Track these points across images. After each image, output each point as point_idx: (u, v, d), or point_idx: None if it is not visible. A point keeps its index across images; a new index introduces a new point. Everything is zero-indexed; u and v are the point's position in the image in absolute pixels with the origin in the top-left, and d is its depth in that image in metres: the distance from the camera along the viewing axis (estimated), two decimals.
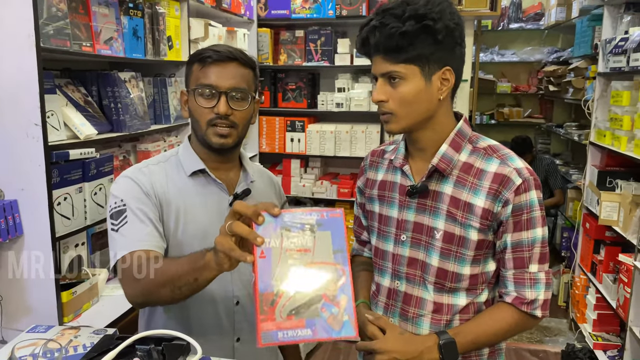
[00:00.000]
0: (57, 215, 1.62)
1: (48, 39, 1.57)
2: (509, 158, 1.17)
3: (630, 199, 2.70)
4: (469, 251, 1.17)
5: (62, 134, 1.69)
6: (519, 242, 1.16)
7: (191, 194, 1.30)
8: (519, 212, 1.14)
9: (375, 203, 1.30)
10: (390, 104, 1.14)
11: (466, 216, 1.16)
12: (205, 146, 1.30)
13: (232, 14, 3.03)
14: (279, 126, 3.55)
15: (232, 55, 1.27)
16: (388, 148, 1.34)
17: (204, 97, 1.26)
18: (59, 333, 0.98)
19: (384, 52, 1.12)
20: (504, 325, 1.18)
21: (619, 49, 2.83)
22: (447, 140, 1.19)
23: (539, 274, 1.18)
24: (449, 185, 1.18)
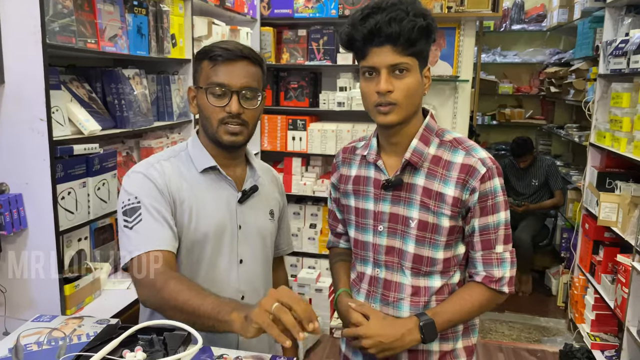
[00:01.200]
0: (61, 209, 1.64)
1: (54, 35, 1.59)
2: (473, 149, 1.27)
3: (629, 200, 2.72)
4: (441, 237, 1.27)
5: (66, 129, 1.72)
6: (485, 225, 1.27)
7: (202, 191, 1.31)
8: (484, 198, 1.25)
9: (351, 197, 1.38)
10: (396, 94, 1.19)
11: (438, 205, 1.25)
12: (215, 143, 1.32)
13: (236, 12, 3.05)
14: (280, 125, 3.57)
15: (243, 53, 1.28)
16: (359, 144, 1.42)
17: (215, 95, 1.27)
18: (63, 322, 1.01)
19: (396, 44, 1.16)
20: (476, 303, 1.28)
21: (619, 50, 2.85)
22: (417, 135, 1.28)
23: (505, 253, 1.29)
24: (420, 177, 1.27)
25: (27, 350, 0.90)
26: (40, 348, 0.91)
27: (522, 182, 4.34)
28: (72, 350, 0.88)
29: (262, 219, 1.40)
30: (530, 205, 4.20)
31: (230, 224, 1.33)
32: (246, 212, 1.37)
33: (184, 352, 0.89)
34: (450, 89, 3.47)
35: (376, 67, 1.19)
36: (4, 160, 1.59)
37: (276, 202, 1.48)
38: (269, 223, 1.43)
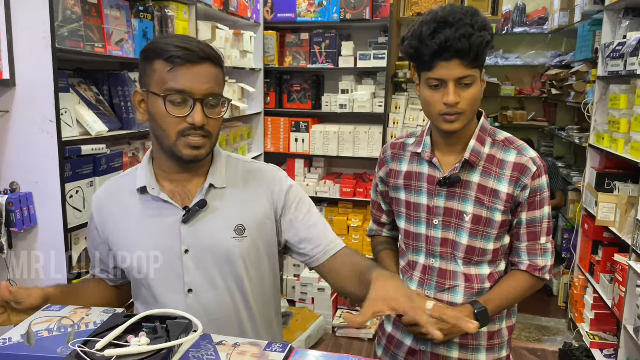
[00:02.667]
0: (69, 208, 1.70)
1: (63, 40, 1.66)
2: (524, 149, 1.36)
3: (626, 200, 2.75)
4: (494, 230, 1.36)
5: (74, 130, 1.78)
6: (532, 219, 1.37)
7: (137, 213, 1.21)
8: (533, 194, 1.35)
9: (402, 191, 1.45)
10: (462, 105, 1.27)
11: (493, 201, 1.34)
12: (172, 157, 1.17)
13: (239, 17, 3.11)
14: (284, 127, 3.63)
15: (205, 54, 1.12)
16: (408, 141, 1.48)
17: (175, 104, 1.10)
18: (72, 312, 1.06)
19: (465, 58, 1.22)
20: (521, 290, 1.40)
21: (617, 53, 2.89)
22: (474, 136, 1.36)
23: (547, 244, 1.40)
24: (476, 175, 1.36)
25: (38, 336, 0.96)
26: (50, 334, 0.97)
27: None
28: (81, 337, 0.93)
29: (222, 238, 1.19)
30: None
31: (172, 248, 1.18)
32: (196, 232, 1.18)
33: (185, 338, 0.94)
34: None
35: (444, 79, 1.25)
36: (15, 160, 1.66)
37: (254, 212, 1.23)
38: (233, 242, 1.19)
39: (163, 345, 0.90)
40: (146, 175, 1.21)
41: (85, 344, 0.89)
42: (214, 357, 0.92)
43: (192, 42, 1.12)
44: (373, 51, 3.42)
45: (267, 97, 3.66)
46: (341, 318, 3.49)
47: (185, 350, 0.94)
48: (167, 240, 1.19)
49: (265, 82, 3.62)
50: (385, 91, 3.41)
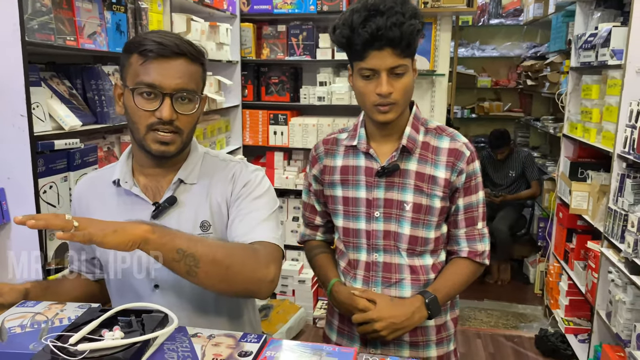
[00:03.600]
0: (43, 203, 1.68)
1: (33, 33, 1.63)
2: (456, 135, 1.39)
3: (598, 189, 2.82)
4: (434, 217, 1.36)
5: (47, 125, 1.76)
6: (469, 204, 1.39)
7: (113, 207, 1.22)
8: (469, 179, 1.37)
9: (338, 187, 1.42)
10: (395, 95, 1.26)
11: (431, 187, 1.34)
12: (143, 150, 1.18)
13: (215, 9, 3.09)
14: (262, 119, 3.62)
15: (179, 49, 1.11)
16: (340, 136, 1.45)
17: (144, 97, 1.11)
18: (46, 307, 1.06)
19: (397, 47, 1.21)
20: (465, 277, 1.41)
21: (589, 44, 2.94)
22: (409, 124, 1.36)
23: (484, 229, 1.42)
24: (413, 162, 1.35)
25: (10, 332, 0.95)
26: (23, 330, 0.96)
27: (499, 173, 4.44)
28: (54, 332, 0.93)
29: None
30: (508, 196, 4.31)
31: None
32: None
33: (159, 331, 0.95)
34: (428, 83, 3.55)
35: (376, 69, 1.23)
36: None
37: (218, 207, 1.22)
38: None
39: (137, 338, 0.90)
40: (122, 169, 1.23)
41: (58, 339, 0.89)
42: (188, 350, 0.93)
43: (169, 37, 1.12)
44: None
45: (244, 89, 3.64)
46: (321, 309, 3.51)
47: (160, 343, 0.95)
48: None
49: (243, 75, 3.60)
50: None
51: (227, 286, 1.09)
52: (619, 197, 2.46)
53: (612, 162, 2.54)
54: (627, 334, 2.33)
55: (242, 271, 1.07)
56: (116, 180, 1.22)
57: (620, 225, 2.38)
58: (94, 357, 0.86)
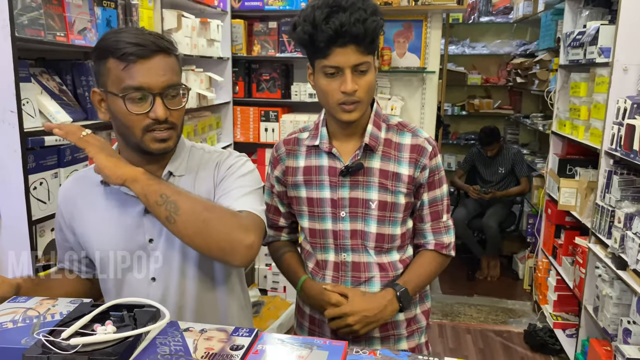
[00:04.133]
0: (33, 200, 1.68)
1: (23, 29, 1.62)
2: (418, 131, 1.38)
3: (586, 185, 2.85)
4: (399, 214, 1.36)
5: (37, 121, 1.75)
6: (434, 198, 1.40)
7: (102, 205, 1.23)
8: (432, 173, 1.37)
9: (301, 188, 1.40)
10: (360, 93, 1.24)
11: (395, 185, 1.34)
12: (139, 152, 1.18)
13: (206, 5, 3.08)
14: (253, 116, 3.62)
15: (157, 46, 1.11)
16: (302, 135, 1.42)
17: (134, 102, 1.10)
18: (37, 303, 1.06)
19: (361, 43, 1.19)
20: (433, 268, 1.43)
21: (577, 42, 2.97)
22: (370, 121, 1.35)
23: (449, 221, 1.43)
24: (376, 160, 1.35)
25: (2, 327, 0.95)
26: (15, 325, 0.96)
27: (489, 170, 4.47)
28: (46, 327, 0.93)
29: None
30: (497, 192, 4.34)
31: (136, 238, 1.21)
32: (157, 222, 1.17)
33: (152, 325, 0.95)
34: (418, 80, 3.57)
35: (340, 67, 1.21)
36: None
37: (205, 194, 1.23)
38: None
39: (129, 333, 0.91)
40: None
41: (50, 334, 0.89)
42: (180, 344, 0.93)
43: (141, 35, 1.11)
44: None
45: (235, 86, 3.64)
46: None
47: (153, 337, 0.95)
48: (131, 231, 1.21)
49: (234, 71, 3.60)
50: None
51: (202, 241, 1.09)
52: (606, 194, 2.50)
53: (600, 158, 2.57)
54: (614, 328, 2.36)
55: (218, 228, 1.08)
56: (103, 180, 1.21)
57: (607, 221, 2.42)
58: (86, 351, 0.86)
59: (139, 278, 1.23)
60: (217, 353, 0.90)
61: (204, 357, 0.89)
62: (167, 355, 0.90)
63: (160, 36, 1.14)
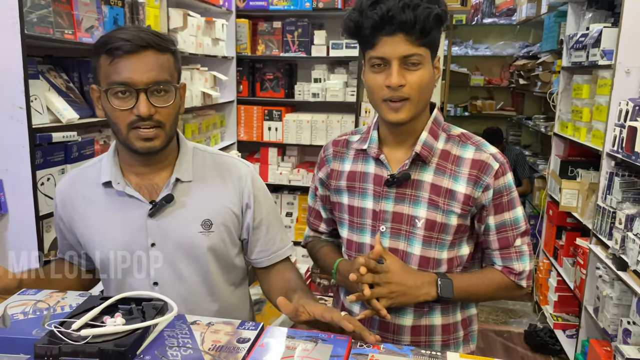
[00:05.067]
0: (40, 195, 1.70)
1: (32, 26, 1.64)
2: (483, 144, 1.21)
3: (587, 186, 2.86)
4: (449, 236, 1.20)
5: (45, 117, 1.77)
6: (502, 223, 1.21)
7: (102, 206, 1.21)
8: (499, 195, 1.19)
9: (344, 194, 1.28)
10: (408, 89, 1.11)
11: (448, 202, 1.18)
12: (129, 150, 1.16)
13: (211, 4, 3.10)
14: (256, 115, 3.64)
15: (146, 42, 1.08)
16: (353, 138, 1.31)
17: (119, 97, 1.09)
18: (47, 295, 1.07)
19: (410, 32, 1.07)
20: (493, 285, 1.23)
21: (580, 44, 2.98)
22: (426, 128, 1.20)
23: (523, 246, 1.23)
24: (429, 173, 1.19)
25: (13, 319, 0.97)
26: (26, 317, 0.98)
27: None
28: (57, 319, 0.95)
29: (188, 233, 1.19)
30: None
31: (138, 241, 1.19)
32: (163, 226, 1.18)
33: (160, 318, 0.97)
34: None
35: (387, 58, 1.09)
36: None
37: (221, 207, 1.22)
38: (200, 237, 1.19)
39: (138, 325, 0.92)
40: (111, 169, 1.20)
41: (61, 325, 0.91)
42: (188, 336, 0.95)
43: (134, 31, 1.10)
44: (345, 40, 3.45)
45: (239, 85, 3.66)
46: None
47: (160, 330, 0.97)
48: (133, 234, 1.19)
49: (238, 70, 3.62)
50: (357, 80, 3.45)
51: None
52: (608, 195, 2.51)
53: (602, 160, 2.58)
54: (614, 328, 2.38)
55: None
56: (105, 182, 1.20)
57: (609, 222, 2.43)
58: (96, 342, 0.88)
59: (139, 280, 1.21)
60: (224, 346, 0.92)
61: (211, 349, 0.91)
62: (175, 347, 0.92)
63: (154, 33, 1.12)
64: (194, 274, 1.22)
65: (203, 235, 1.20)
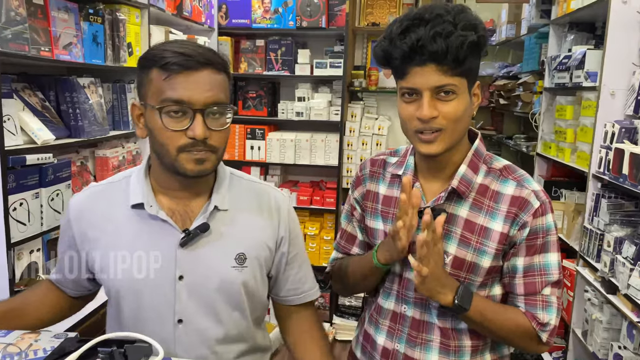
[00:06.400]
0: (12, 221, 1.60)
1: (6, 43, 1.56)
2: (526, 180, 1.13)
3: (573, 208, 2.86)
4: (478, 277, 1.13)
5: (18, 138, 1.68)
6: (531, 266, 1.12)
7: (128, 231, 1.10)
8: (534, 235, 1.10)
9: (379, 219, 1.22)
10: (442, 120, 1.04)
11: (481, 241, 1.11)
12: (174, 173, 1.06)
13: (193, 22, 3.04)
14: (239, 134, 3.58)
15: (206, 58, 1.00)
16: (390, 159, 1.25)
17: (172, 116, 1.00)
18: (18, 337, 0.99)
19: (442, 63, 1.00)
20: (513, 322, 1.12)
21: (563, 65, 3.01)
22: (466, 161, 1.13)
23: (552, 297, 1.12)
24: (464, 208, 1.12)
25: None
26: None
27: None
28: None
29: (221, 267, 1.11)
30: None
31: (162, 274, 1.08)
32: (194, 258, 1.09)
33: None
34: None
35: (417, 89, 1.03)
36: None
37: (256, 240, 1.15)
38: (233, 272, 1.11)
39: None
40: (142, 190, 1.10)
41: None
42: None
43: (190, 46, 1.02)
44: (329, 59, 3.42)
45: None
46: None
47: None
48: (161, 264, 1.08)
49: None
50: (341, 99, 3.42)
51: None
52: (594, 217, 2.50)
53: (588, 182, 2.58)
54: (604, 352, 2.35)
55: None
56: (136, 204, 1.10)
57: (596, 244, 2.41)
58: None
59: (160, 315, 1.10)
60: None
61: None
62: None
63: (210, 50, 1.04)
64: (231, 314, 1.13)
65: (236, 271, 1.11)
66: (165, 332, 1.08)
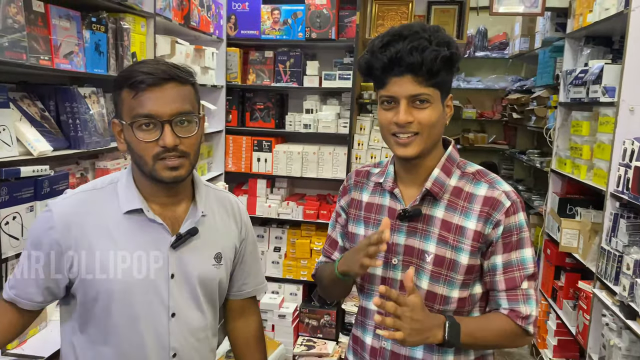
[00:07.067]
0: (4, 235, 1.54)
1: (3, 51, 1.51)
2: (497, 182, 1.22)
3: (590, 227, 2.75)
4: (458, 275, 1.19)
5: (14, 149, 1.62)
6: (508, 262, 1.19)
7: (122, 235, 1.16)
8: (508, 233, 1.18)
9: (361, 225, 1.31)
10: (416, 126, 1.15)
11: (458, 239, 1.19)
12: (153, 181, 1.16)
13: (201, 32, 3.00)
14: (245, 145, 3.51)
15: (168, 74, 1.11)
16: (374, 170, 1.35)
17: (143, 129, 1.10)
18: None
19: (418, 74, 1.12)
20: (500, 330, 1.19)
21: (579, 80, 2.92)
22: (439, 165, 1.23)
23: (530, 290, 1.20)
24: (440, 209, 1.21)
25: None
26: None
27: None
28: None
29: (204, 266, 1.23)
30: None
31: (159, 273, 1.17)
32: (183, 258, 1.20)
33: None
34: None
35: (395, 97, 1.15)
36: None
37: (228, 241, 1.29)
38: (213, 270, 1.25)
39: None
40: (135, 197, 1.18)
41: None
42: None
43: (155, 64, 1.13)
44: (338, 71, 3.36)
45: (229, 114, 3.54)
46: (302, 346, 3.35)
47: None
48: (159, 264, 1.18)
49: (227, 100, 3.50)
50: (350, 112, 3.35)
51: None
52: (612, 237, 2.40)
53: (605, 200, 2.48)
54: None
55: None
56: (133, 209, 1.17)
57: (615, 266, 2.31)
58: None
59: (157, 311, 1.18)
60: None
61: None
62: None
63: (174, 66, 1.14)
64: (206, 306, 1.26)
65: (215, 268, 1.25)
66: (161, 326, 1.18)
